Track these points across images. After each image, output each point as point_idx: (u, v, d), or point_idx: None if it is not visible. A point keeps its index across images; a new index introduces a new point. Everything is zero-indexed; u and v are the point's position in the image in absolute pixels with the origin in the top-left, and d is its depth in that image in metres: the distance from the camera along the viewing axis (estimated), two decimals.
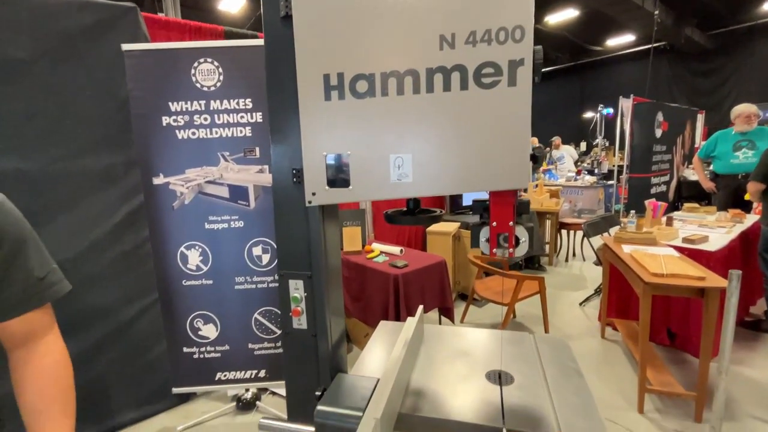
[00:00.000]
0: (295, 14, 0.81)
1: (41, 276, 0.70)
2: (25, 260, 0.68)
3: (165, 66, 1.79)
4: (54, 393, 0.71)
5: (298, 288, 0.95)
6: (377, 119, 0.79)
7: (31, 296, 0.69)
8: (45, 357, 0.72)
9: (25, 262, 0.68)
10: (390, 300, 2.29)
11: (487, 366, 0.95)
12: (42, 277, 0.70)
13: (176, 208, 1.89)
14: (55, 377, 0.72)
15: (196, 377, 2.03)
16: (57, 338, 0.74)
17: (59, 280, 0.73)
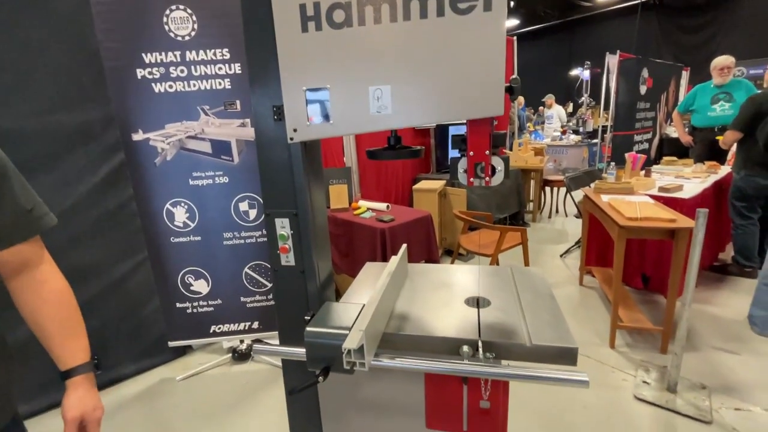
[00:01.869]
0: None
1: (29, 208, 0.71)
2: (11, 192, 0.69)
3: (135, 14, 1.71)
4: (62, 316, 0.76)
5: (285, 226, 0.98)
6: (355, 50, 0.79)
7: (20, 227, 0.71)
8: (44, 284, 0.75)
9: (12, 194, 0.69)
10: (377, 253, 2.35)
11: (466, 294, 1.01)
12: (30, 209, 0.72)
13: (158, 164, 1.87)
14: (58, 301, 0.76)
15: (191, 331, 2.10)
16: (52, 266, 0.77)
17: (45, 213, 0.74)
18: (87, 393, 0.75)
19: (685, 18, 11.06)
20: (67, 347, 0.76)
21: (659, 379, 1.87)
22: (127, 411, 1.89)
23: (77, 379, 0.75)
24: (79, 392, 0.74)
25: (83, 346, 0.78)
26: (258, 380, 2.08)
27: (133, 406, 1.93)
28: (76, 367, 0.76)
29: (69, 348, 0.76)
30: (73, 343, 0.77)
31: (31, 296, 0.74)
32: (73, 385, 0.75)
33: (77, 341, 0.78)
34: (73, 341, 0.77)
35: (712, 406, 1.70)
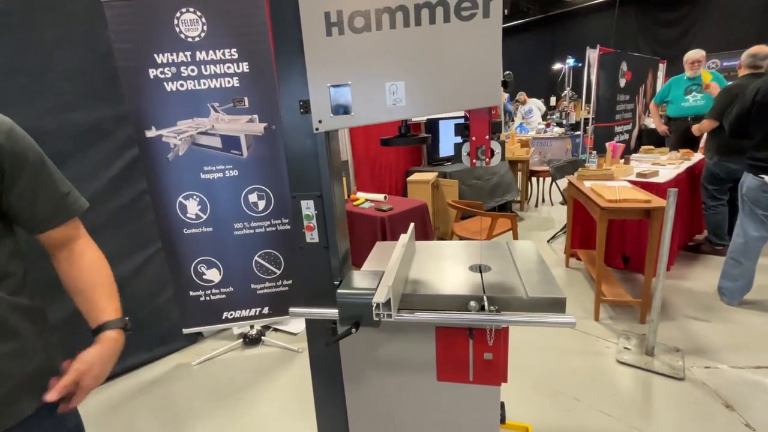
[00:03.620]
0: None
1: (66, 191, 0.79)
2: (51, 179, 0.76)
3: (147, 16, 1.80)
4: (97, 280, 0.83)
5: (309, 207, 1.11)
6: (373, 51, 0.93)
7: (61, 210, 0.78)
8: (83, 255, 0.83)
9: (52, 181, 0.76)
10: (377, 239, 2.49)
11: (469, 262, 1.16)
12: (67, 193, 0.79)
13: (171, 159, 1.97)
14: (94, 269, 0.84)
15: (204, 318, 2.21)
16: (89, 241, 0.86)
17: (79, 197, 0.83)
18: (106, 354, 0.76)
19: (661, 12, 11.42)
20: (99, 306, 0.80)
21: (638, 345, 2.06)
22: (146, 395, 2.00)
23: (105, 334, 0.77)
24: (100, 349, 0.76)
25: (115, 307, 0.82)
26: (269, 362, 2.20)
27: (152, 390, 2.03)
28: (106, 322, 0.79)
29: (101, 307, 0.80)
30: (105, 303, 0.81)
31: (71, 266, 0.81)
32: (99, 340, 0.77)
33: (109, 302, 0.82)
34: (106, 301, 0.81)
35: (685, 366, 1.90)
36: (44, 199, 0.74)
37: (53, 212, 0.75)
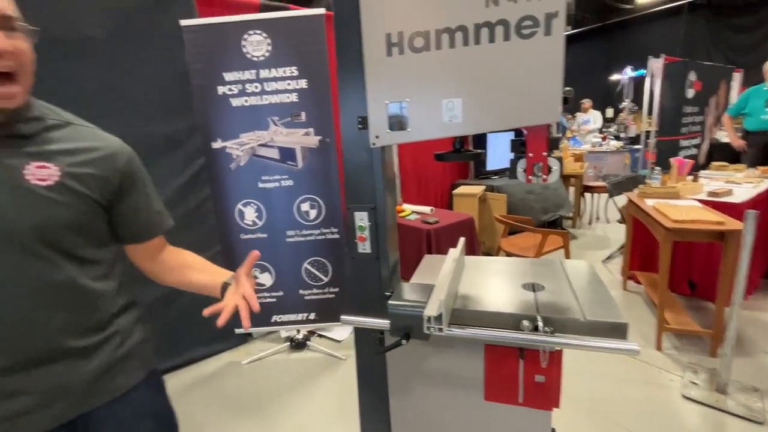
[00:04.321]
0: None
1: (159, 210, 0.90)
2: (150, 197, 0.88)
3: (218, 39, 1.97)
4: (203, 262, 0.94)
5: (363, 218, 1.15)
6: (432, 70, 0.96)
7: (155, 225, 0.89)
8: (178, 252, 0.95)
9: (150, 198, 0.88)
10: (423, 253, 2.49)
11: (521, 280, 1.14)
12: (159, 211, 0.90)
13: (233, 169, 2.11)
14: (194, 256, 0.95)
15: (255, 319, 2.28)
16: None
17: (168, 215, 0.93)
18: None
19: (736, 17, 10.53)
20: (218, 271, 0.92)
21: (708, 381, 1.88)
22: (202, 388, 2.13)
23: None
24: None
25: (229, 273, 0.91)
26: (313, 367, 2.26)
27: (207, 384, 2.16)
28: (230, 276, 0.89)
29: (220, 272, 0.92)
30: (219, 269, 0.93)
31: (174, 262, 0.92)
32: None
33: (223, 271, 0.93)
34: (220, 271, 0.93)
35: (766, 408, 1.70)
36: (144, 214, 0.84)
37: (149, 226, 0.86)
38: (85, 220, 0.73)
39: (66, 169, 0.70)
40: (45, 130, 0.71)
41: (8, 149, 0.66)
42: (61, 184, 0.69)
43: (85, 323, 0.74)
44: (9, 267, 0.65)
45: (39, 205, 0.67)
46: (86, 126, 0.78)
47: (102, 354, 0.76)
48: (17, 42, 0.63)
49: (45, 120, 0.72)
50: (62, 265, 0.70)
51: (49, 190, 0.68)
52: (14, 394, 0.68)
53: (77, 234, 0.72)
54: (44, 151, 0.69)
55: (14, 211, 0.65)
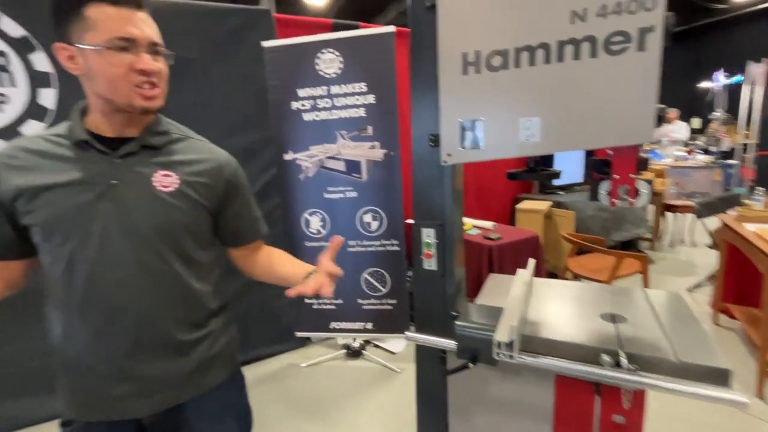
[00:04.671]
0: (439, 4, 0.98)
1: (257, 216, 0.98)
2: (250, 205, 0.95)
3: (294, 57, 2.10)
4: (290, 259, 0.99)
5: (430, 235, 1.15)
6: (509, 88, 0.94)
7: (254, 230, 0.97)
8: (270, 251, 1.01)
9: (251, 206, 0.95)
10: (484, 270, 2.42)
11: (598, 309, 1.06)
12: (258, 217, 0.98)
13: (302, 180, 2.23)
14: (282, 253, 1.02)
15: (315, 324, 2.40)
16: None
17: (263, 221, 1.00)
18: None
19: None
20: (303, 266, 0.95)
21: None
22: (264, 386, 2.24)
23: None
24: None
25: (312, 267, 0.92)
26: (368, 377, 2.28)
27: (269, 382, 2.27)
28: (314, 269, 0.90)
29: (304, 265, 0.95)
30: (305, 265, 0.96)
31: (266, 259, 0.98)
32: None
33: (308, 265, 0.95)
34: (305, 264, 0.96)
35: None
36: (245, 220, 0.92)
37: (248, 231, 0.94)
38: (196, 224, 0.82)
39: (183, 177, 0.79)
40: (169, 142, 0.81)
41: (142, 158, 0.77)
42: (179, 191, 0.78)
43: (189, 319, 0.82)
44: (134, 262, 0.75)
45: (162, 209, 0.76)
46: (200, 140, 0.89)
47: (198, 350, 0.84)
48: (161, 64, 0.75)
49: (170, 134, 0.83)
50: (174, 264, 0.79)
51: (170, 196, 0.77)
52: (129, 378, 0.77)
53: (189, 236, 0.81)
54: (168, 161, 0.79)
55: (142, 213, 0.75)
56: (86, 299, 0.74)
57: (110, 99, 0.73)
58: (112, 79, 0.70)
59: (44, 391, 1.98)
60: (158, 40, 0.75)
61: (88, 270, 0.73)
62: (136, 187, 0.75)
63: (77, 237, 0.72)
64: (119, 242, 0.74)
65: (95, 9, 0.68)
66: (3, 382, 1.95)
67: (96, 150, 0.75)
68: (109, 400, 0.78)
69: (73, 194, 0.72)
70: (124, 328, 0.76)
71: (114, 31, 0.68)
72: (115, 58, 0.69)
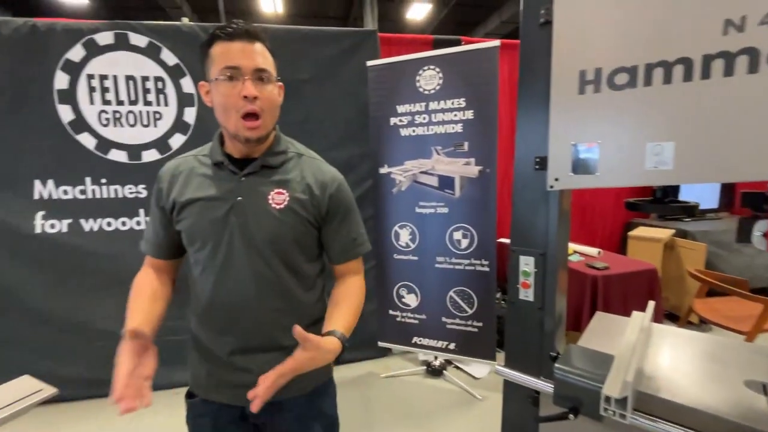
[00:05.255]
0: (555, 20, 0.91)
1: (354, 237, 0.96)
2: (349, 224, 0.95)
3: (396, 75, 2.17)
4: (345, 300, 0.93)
5: (529, 263, 1.07)
6: (636, 109, 0.83)
7: (348, 251, 0.95)
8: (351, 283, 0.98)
9: (349, 225, 0.95)
10: (585, 302, 2.18)
11: (742, 373, 0.87)
12: (355, 238, 0.96)
13: (394, 193, 2.27)
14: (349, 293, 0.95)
15: (397, 337, 2.41)
16: (360, 279, 0.99)
17: (364, 242, 0.99)
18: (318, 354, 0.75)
19: None
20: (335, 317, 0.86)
21: None
22: (342, 391, 2.28)
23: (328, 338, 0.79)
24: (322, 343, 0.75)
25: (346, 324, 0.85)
26: (447, 399, 2.21)
27: (347, 388, 2.35)
28: (333, 330, 0.81)
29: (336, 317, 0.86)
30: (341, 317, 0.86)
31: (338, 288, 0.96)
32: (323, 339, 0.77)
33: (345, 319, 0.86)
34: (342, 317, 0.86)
35: None
36: (341, 238, 0.92)
37: (342, 251, 0.93)
38: (303, 238, 0.88)
39: (293, 194, 0.86)
40: (285, 161, 0.89)
41: (262, 177, 0.86)
42: (288, 207, 0.85)
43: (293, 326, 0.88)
44: (250, 270, 0.84)
45: (273, 224, 0.84)
46: (311, 157, 0.94)
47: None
48: (266, 90, 0.80)
49: (287, 153, 0.90)
50: (283, 274, 0.86)
51: (280, 212, 0.84)
52: (244, 370, 0.87)
53: (297, 249, 0.87)
54: (282, 179, 0.87)
55: (258, 227, 0.84)
56: (214, 299, 0.86)
57: (225, 127, 0.83)
58: (224, 107, 0.79)
59: (172, 363, 2.32)
60: (264, 66, 0.79)
61: (216, 274, 0.84)
62: (255, 203, 0.84)
63: (211, 245, 0.84)
64: (240, 252, 0.83)
65: (217, 46, 0.78)
66: None
67: (228, 170, 0.86)
68: (221, 385, 0.89)
69: (210, 208, 0.84)
70: (239, 328, 0.86)
71: (224, 63, 0.77)
72: (225, 87, 0.77)
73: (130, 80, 2.16)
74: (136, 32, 2.14)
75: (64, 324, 2.21)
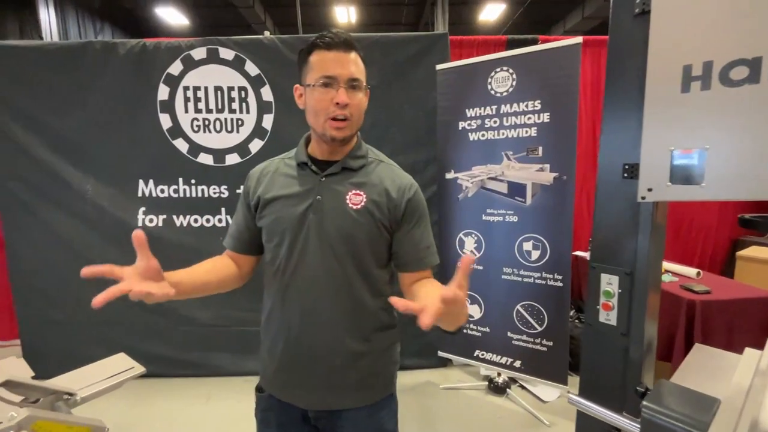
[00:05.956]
0: (654, 9, 0.81)
1: (428, 245, 0.94)
2: (422, 231, 0.93)
3: (466, 78, 2.11)
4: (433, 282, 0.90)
5: (612, 283, 0.96)
6: (758, 109, 0.70)
7: (415, 260, 0.92)
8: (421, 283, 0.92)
9: (422, 233, 0.93)
10: (678, 331, 1.90)
11: None
12: (428, 246, 0.94)
13: (460, 199, 2.20)
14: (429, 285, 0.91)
15: (458, 348, 2.33)
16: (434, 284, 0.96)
17: (434, 253, 0.96)
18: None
19: None
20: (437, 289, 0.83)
21: None
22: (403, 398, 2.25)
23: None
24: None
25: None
26: (511, 422, 2.07)
27: (405, 396, 2.31)
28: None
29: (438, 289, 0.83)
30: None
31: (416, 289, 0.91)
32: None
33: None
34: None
35: None
36: (414, 245, 0.90)
37: (415, 259, 0.91)
38: (376, 241, 0.88)
39: (370, 197, 0.87)
40: (364, 165, 0.91)
41: (341, 178, 0.88)
42: (365, 208, 0.86)
43: (359, 330, 0.89)
44: (322, 268, 0.86)
45: (349, 223, 0.85)
46: (389, 164, 0.95)
47: (362, 364, 0.89)
48: (356, 97, 0.84)
49: (366, 158, 0.92)
50: (353, 275, 0.87)
51: (357, 213, 0.86)
52: (301, 370, 0.89)
53: (369, 251, 0.87)
54: (360, 182, 0.88)
55: (335, 225, 0.85)
56: (286, 295, 0.88)
57: (313, 127, 0.87)
58: (316, 110, 0.84)
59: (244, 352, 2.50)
60: (357, 76, 0.83)
61: (292, 270, 0.87)
62: (333, 202, 0.86)
63: (288, 241, 0.87)
64: (315, 249, 0.86)
65: (316, 55, 0.83)
66: (219, 338, 2.52)
67: (311, 170, 0.89)
68: (284, 383, 0.91)
69: (291, 205, 0.87)
70: (307, 326, 0.87)
71: (322, 71, 0.81)
72: (319, 93, 0.82)
73: (218, 90, 2.38)
74: (224, 47, 2.34)
75: (157, 308, 2.48)
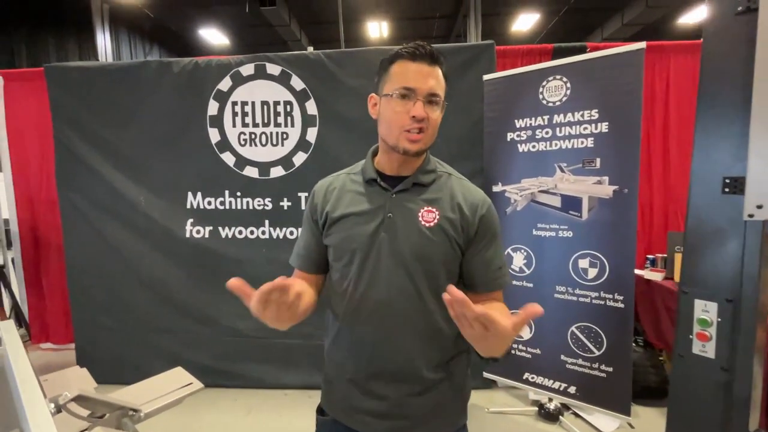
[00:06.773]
0: (763, 6, 0.72)
1: (500, 265, 0.88)
2: (494, 250, 0.87)
3: (516, 88, 2.04)
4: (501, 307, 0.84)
5: (709, 311, 0.85)
6: None
7: (495, 278, 0.87)
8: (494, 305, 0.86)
9: (494, 252, 0.87)
10: None
11: None
12: (501, 266, 0.88)
13: (509, 213, 2.11)
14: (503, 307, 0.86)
15: (505, 370, 2.21)
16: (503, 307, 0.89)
17: (506, 274, 0.89)
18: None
19: None
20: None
21: None
22: None
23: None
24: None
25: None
26: None
27: None
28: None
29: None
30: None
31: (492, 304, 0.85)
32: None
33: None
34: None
35: None
36: (487, 264, 0.86)
37: (487, 279, 0.86)
38: (450, 259, 0.83)
39: (443, 213, 0.82)
40: (435, 180, 0.87)
41: (412, 194, 0.84)
42: (438, 225, 0.81)
43: (433, 357, 0.83)
44: (395, 287, 0.81)
45: (423, 241, 0.81)
46: (460, 178, 0.90)
47: (436, 392, 0.84)
48: (434, 113, 0.80)
49: (436, 172, 0.88)
50: (427, 295, 0.82)
51: (430, 231, 0.81)
52: (371, 395, 0.84)
53: (443, 270, 0.82)
54: (432, 198, 0.84)
55: (408, 243, 0.81)
56: (356, 315, 0.84)
57: (385, 139, 0.83)
58: (390, 122, 0.80)
59: (283, 364, 2.48)
60: (437, 91, 0.79)
61: (362, 289, 0.83)
62: (405, 220, 0.82)
63: (359, 259, 0.83)
64: (387, 268, 0.81)
65: (398, 65, 0.79)
66: (261, 349, 2.52)
67: (380, 186, 0.86)
68: (351, 407, 0.86)
69: (361, 223, 0.84)
70: (378, 349, 0.83)
71: (401, 82, 0.78)
72: (396, 105, 0.78)
73: (265, 105, 2.43)
74: (271, 62, 2.40)
75: (200, 317, 2.52)
